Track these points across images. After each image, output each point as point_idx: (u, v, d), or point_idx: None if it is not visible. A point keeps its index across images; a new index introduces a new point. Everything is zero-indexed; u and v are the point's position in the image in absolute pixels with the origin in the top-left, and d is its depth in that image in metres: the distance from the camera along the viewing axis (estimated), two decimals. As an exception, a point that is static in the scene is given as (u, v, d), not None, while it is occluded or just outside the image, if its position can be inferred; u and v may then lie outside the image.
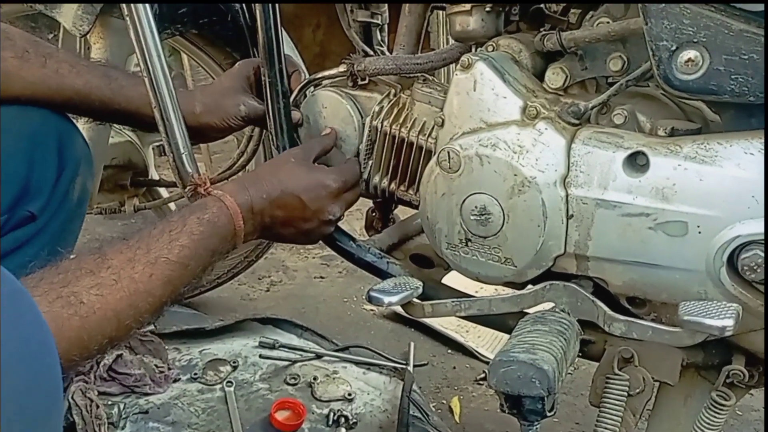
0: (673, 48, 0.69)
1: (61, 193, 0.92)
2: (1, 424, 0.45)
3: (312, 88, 1.04)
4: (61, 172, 0.92)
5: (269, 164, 0.96)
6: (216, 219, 0.80)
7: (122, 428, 1.06)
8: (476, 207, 0.82)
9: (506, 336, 0.80)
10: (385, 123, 0.96)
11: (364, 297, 0.80)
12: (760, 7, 0.66)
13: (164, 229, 0.75)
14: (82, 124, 1.07)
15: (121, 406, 1.09)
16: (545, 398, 0.68)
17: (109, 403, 1.10)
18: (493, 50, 0.86)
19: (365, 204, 1.12)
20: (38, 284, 0.57)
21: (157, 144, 1.49)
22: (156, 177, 1.49)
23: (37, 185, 0.89)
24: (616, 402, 0.80)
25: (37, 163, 0.89)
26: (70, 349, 0.61)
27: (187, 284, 0.76)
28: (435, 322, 1.59)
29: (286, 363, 1.25)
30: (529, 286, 0.84)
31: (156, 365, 1.16)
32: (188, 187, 0.92)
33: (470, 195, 0.82)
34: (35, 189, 0.89)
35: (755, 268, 0.68)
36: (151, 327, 1.26)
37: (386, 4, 1.07)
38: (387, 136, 0.97)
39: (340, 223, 0.99)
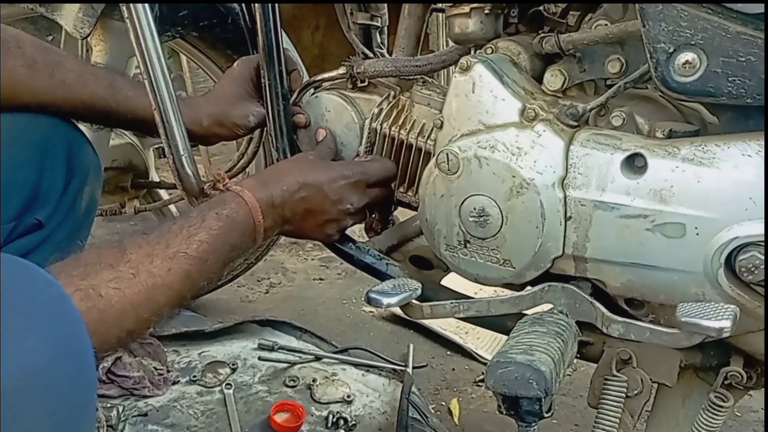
0: (671, 50, 0.69)
1: (68, 202, 0.93)
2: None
3: (312, 90, 1.04)
4: (70, 181, 0.93)
5: (288, 161, 0.97)
6: (235, 214, 0.80)
7: (121, 431, 1.06)
8: (475, 208, 0.82)
9: (505, 337, 0.80)
10: (384, 125, 0.97)
11: (363, 299, 0.81)
12: (758, 9, 0.66)
13: (183, 225, 0.76)
14: (86, 128, 1.07)
15: (120, 409, 1.09)
16: (543, 399, 0.68)
17: (108, 405, 1.10)
18: (491, 52, 0.87)
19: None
20: (58, 276, 0.57)
21: (157, 146, 1.49)
22: (156, 179, 1.49)
23: (45, 193, 0.90)
24: (615, 403, 0.80)
25: (47, 171, 0.90)
26: None
27: (206, 279, 0.77)
28: (434, 324, 1.59)
29: (285, 365, 1.25)
30: (528, 288, 0.84)
31: (155, 368, 1.16)
32: (207, 184, 0.93)
33: (469, 197, 0.82)
34: (43, 197, 0.90)
35: (753, 269, 0.68)
36: (150, 329, 1.27)
37: (386, 7, 1.07)
38: (386, 138, 0.97)
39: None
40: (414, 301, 0.85)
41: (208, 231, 0.76)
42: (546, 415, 0.69)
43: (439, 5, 0.94)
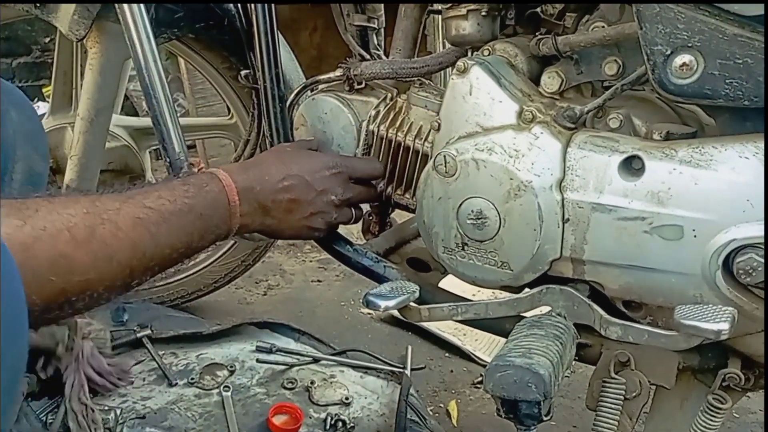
0: (668, 52, 0.69)
1: None
2: None
3: (308, 92, 1.04)
4: None
5: (270, 151, 0.93)
6: (204, 185, 0.76)
7: (119, 433, 1.06)
8: (472, 211, 0.82)
9: (503, 339, 0.80)
10: (381, 127, 0.97)
11: (361, 300, 0.80)
12: (755, 11, 0.66)
13: (144, 185, 0.72)
14: (78, 131, 1.07)
15: (118, 412, 1.09)
16: (541, 402, 0.68)
17: (106, 408, 1.09)
18: (488, 54, 0.87)
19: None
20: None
21: (153, 148, 1.49)
22: (153, 181, 1.49)
23: None
24: (613, 406, 0.80)
25: None
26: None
27: (167, 243, 0.69)
28: (432, 326, 1.58)
29: (284, 367, 1.24)
30: (526, 290, 0.84)
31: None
32: (183, 170, 0.89)
33: (466, 199, 0.82)
34: None
35: (751, 271, 0.68)
36: (148, 331, 1.26)
37: (382, 8, 1.07)
38: (383, 140, 0.97)
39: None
40: (412, 304, 0.85)
41: (171, 190, 0.71)
42: (545, 419, 0.69)
43: (436, 7, 0.93)
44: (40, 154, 0.87)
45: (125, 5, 0.93)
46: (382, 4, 1.08)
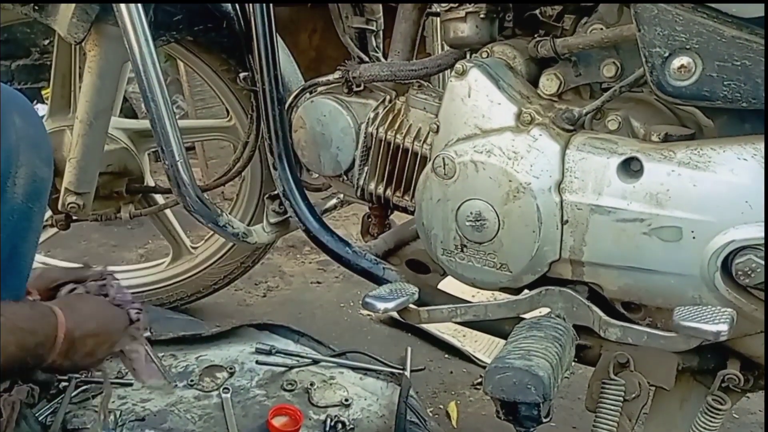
0: (666, 54, 0.69)
1: None
2: None
3: (307, 95, 1.04)
4: None
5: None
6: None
7: (119, 435, 1.06)
8: (471, 213, 0.82)
9: (503, 340, 0.80)
10: (380, 129, 0.97)
11: (360, 302, 0.81)
12: (753, 13, 0.66)
13: None
14: (77, 134, 1.07)
15: (118, 414, 1.09)
16: (541, 404, 0.68)
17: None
18: (487, 56, 0.87)
19: (361, 209, 1.12)
20: None
21: (152, 150, 1.48)
22: (152, 183, 1.49)
23: None
24: (613, 407, 0.80)
25: None
26: None
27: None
28: (432, 327, 1.58)
29: (283, 369, 1.24)
30: (525, 292, 0.84)
31: None
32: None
33: (465, 201, 0.82)
34: None
35: (749, 273, 0.68)
36: (148, 333, 1.26)
37: (381, 11, 1.07)
38: (382, 143, 0.97)
39: (336, 229, 0.99)
40: (411, 306, 0.85)
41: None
42: (544, 420, 0.69)
43: (435, 9, 0.94)
44: (44, 159, 0.85)
45: (123, 8, 0.93)
46: (381, 7, 1.08)
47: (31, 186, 0.81)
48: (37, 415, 1.03)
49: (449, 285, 0.99)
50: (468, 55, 0.91)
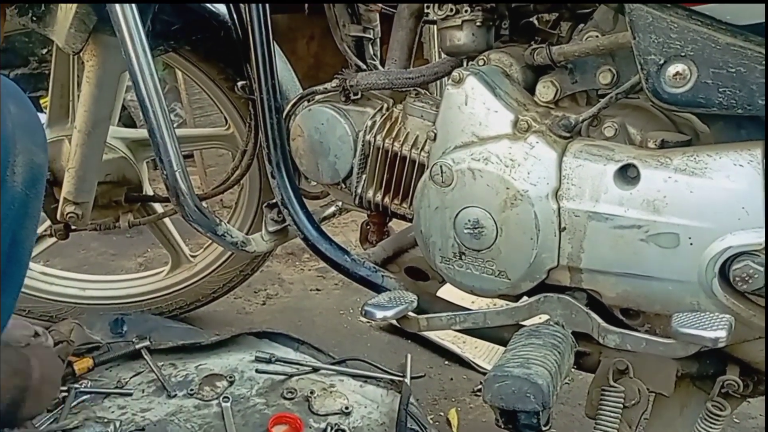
0: (661, 62, 0.70)
1: None
2: None
3: (305, 103, 1.05)
4: None
5: None
6: None
7: (118, 445, 1.06)
8: (469, 220, 0.82)
9: (502, 347, 0.80)
10: (378, 137, 0.97)
11: (360, 309, 0.81)
12: (748, 20, 0.66)
13: None
14: (75, 143, 1.07)
15: (117, 424, 1.09)
16: (540, 412, 0.68)
17: (105, 420, 1.09)
18: (484, 64, 0.87)
19: (360, 216, 1.12)
20: None
21: (151, 159, 1.49)
22: (150, 192, 1.49)
23: None
24: (612, 414, 0.80)
25: None
26: None
27: None
28: (431, 334, 1.58)
29: (283, 377, 1.24)
30: (524, 299, 0.84)
31: None
32: None
33: (463, 208, 0.82)
34: None
35: (747, 279, 0.68)
36: (147, 342, 1.26)
37: (378, 19, 1.08)
38: (380, 151, 0.97)
39: (335, 236, 0.99)
40: (410, 314, 0.85)
41: None
42: (544, 428, 0.69)
43: (431, 17, 0.94)
44: (39, 145, 0.83)
45: (121, 18, 0.93)
46: (378, 15, 1.08)
47: (29, 173, 0.80)
48: (38, 425, 1.03)
49: (448, 292, 0.99)
50: (465, 63, 0.91)
